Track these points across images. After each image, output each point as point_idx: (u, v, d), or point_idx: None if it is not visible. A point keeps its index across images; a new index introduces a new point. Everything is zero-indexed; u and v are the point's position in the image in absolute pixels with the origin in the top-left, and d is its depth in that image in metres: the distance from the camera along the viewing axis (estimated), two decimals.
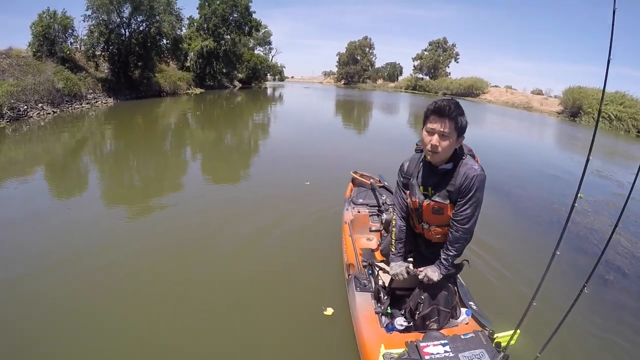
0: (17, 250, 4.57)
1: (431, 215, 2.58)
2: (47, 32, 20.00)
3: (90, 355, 3.01)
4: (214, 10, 38.54)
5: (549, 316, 2.63)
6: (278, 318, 3.54)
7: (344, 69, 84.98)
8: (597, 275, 4.80)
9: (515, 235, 6.14)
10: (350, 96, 45.18)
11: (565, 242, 5.00)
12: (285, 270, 4.41)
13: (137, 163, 10.19)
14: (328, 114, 26.19)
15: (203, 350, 3.10)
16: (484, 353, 2.18)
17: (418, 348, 2.23)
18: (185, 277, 4.13)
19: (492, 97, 51.14)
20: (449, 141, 2.32)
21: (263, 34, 60.00)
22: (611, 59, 1.86)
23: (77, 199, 6.71)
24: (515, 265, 4.87)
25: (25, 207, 6.02)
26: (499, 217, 6.78)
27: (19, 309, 3.49)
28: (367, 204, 4.85)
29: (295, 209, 6.20)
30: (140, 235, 5.24)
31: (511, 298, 4.08)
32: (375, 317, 2.83)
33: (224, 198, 6.93)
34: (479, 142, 15.11)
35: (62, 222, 5.57)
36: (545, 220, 6.77)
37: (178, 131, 16.12)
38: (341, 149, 12.67)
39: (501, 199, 7.71)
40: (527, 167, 11.87)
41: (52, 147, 11.66)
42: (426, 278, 2.58)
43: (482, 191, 2.41)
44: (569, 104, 33.28)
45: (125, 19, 25.52)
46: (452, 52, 71.56)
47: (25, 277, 3.99)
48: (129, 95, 25.08)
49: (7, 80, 16.24)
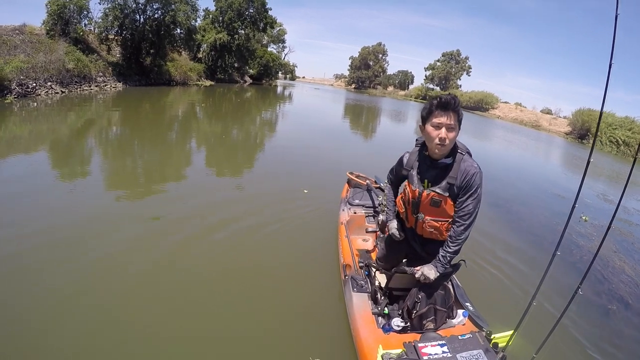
0: (9, 228, 4.45)
1: (428, 207, 2.59)
2: (62, 11, 20.05)
3: (87, 344, 2.94)
4: (230, 4, 38.62)
5: (544, 317, 2.66)
6: (274, 319, 3.47)
7: (356, 73, 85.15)
8: (593, 277, 4.95)
9: (514, 245, 6.06)
10: (359, 101, 44.91)
11: (564, 261, 4.96)
12: (281, 271, 4.31)
13: (140, 149, 10.05)
14: (336, 116, 26.03)
15: (203, 349, 3.03)
16: (481, 354, 2.20)
17: (416, 348, 2.25)
18: (177, 279, 3.94)
19: (502, 113, 50.76)
20: (454, 133, 2.42)
21: (277, 32, 60.09)
22: (613, 63, 1.92)
23: (77, 181, 6.58)
24: (511, 269, 4.93)
25: (24, 184, 5.93)
26: (499, 227, 6.74)
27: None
28: (363, 204, 4.83)
29: (292, 208, 6.08)
30: (135, 224, 5.06)
31: (507, 299, 4.10)
32: (372, 317, 2.83)
33: (223, 194, 6.75)
34: (487, 157, 15.07)
35: (60, 203, 5.46)
36: (546, 236, 6.65)
37: (184, 121, 16.02)
38: (345, 151, 12.53)
39: (504, 215, 7.61)
40: (533, 185, 11.64)
41: (58, 126, 11.57)
42: (423, 277, 2.60)
43: (481, 187, 2.49)
44: (578, 126, 32.96)
45: (141, 5, 25.66)
46: (464, 64, 71.36)
47: (16, 255, 3.91)
48: (138, 82, 25.11)
49: (18, 56, 16.22)
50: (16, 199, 5.31)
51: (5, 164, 7.08)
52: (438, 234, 2.66)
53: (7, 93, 14.53)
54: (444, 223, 2.60)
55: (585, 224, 7.54)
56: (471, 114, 47.35)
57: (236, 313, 3.50)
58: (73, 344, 2.91)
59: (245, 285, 3.93)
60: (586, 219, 7.78)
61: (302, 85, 69.72)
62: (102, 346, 2.93)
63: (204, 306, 3.55)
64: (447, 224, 2.60)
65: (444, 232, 2.63)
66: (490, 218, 6.98)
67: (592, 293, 4.57)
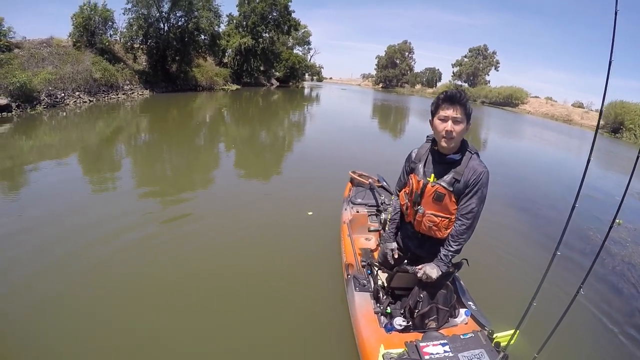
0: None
1: (431, 201, 2.59)
2: (87, 23, 20.50)
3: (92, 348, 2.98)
4: (253, 9, 38.86)
5: (547, 316, 2.47)
6: (277, 318, 3.49)
7: (383, 73, 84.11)
8: (595, 277, 4.82)
9: (518, 244, 5.81)
10: (387, 100, 43.57)
11: (568, 261, 4.85)
12: (284, 270, 4.31)
13: (164, 155, 9.94)
14: (363, 117, 25.14)
15: (201, 349, 3.04)
16: (483, 353, 2.20)
17: (418, 348, 2.26)
18: (181, 272, 4.05)
19: (532, 108, 48.67)
20: (462, 126, 2.42)
21: (302, 34, 60.01)
22: (612, 60, 1.94)
23: (104, 186, 6.78)
24: (514, 268, 4.93)
25: (54, 189, 6.24)
26: (505, 225, 6.46)
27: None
28: (365, 203, 4.84)
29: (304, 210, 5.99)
30: (147, 225, 5.11)
31: (509, 298, 4.08)
32: (374, 317, 2.84)
33: (234, 193, 6.74)
34: (514, 155, 14.49)
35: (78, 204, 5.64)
36: (579, 247, 5.85)
37: (210, 126, 15.85)
38: (372, 154, 11.74)
39: (517, 214, 7.27)
40: (561, 185, 10.55)
41: (87, 134, 11.70)
42: (425, 276, 2.58)
43: (487, 187, 2.50)
44: (611, 119, 31.36)
45: (164, 13, 25.97)
46: (492, 59, 69.07)
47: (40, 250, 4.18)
48: (165, 88, 25.39)
49: (46, 68, 16.58)
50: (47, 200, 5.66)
51: (38, 170, 7.35)
52: (436, 230, 2.63)
53: (36, 104, 14.81)
54: (443, 220, 2.59)
55: (618, 228, 6.67)
56: (500, 110, 46.28)
57: (239, 311, 3.53)
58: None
59: (248, 284, 3.94)
60: (620, 222, 6.71)
61: (330, 86, 69.56)
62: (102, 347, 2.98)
63: (207, 303, 3.60)
64: (447, 221, 2.59)
65: (442, 229, 2.61)
66: (501, 215, 6.77)
67: (594, 293, 4.48)
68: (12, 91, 13.85)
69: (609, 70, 1.97)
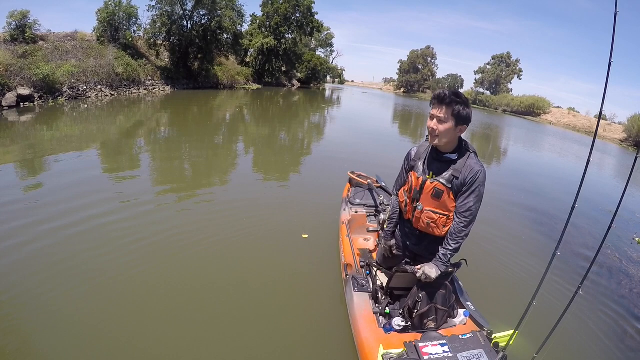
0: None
1: (429, 198, 2.62)
2: (111, 19, 20.72)
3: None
4: (277, 9, 38.96)
5: (545, 317, 2.53)
6: (276, 319, 3.46)
7: (405, 77, 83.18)
8: (594, 278, 4.87)
9: (518, 244, 5.79)
10: (408, 106, 42.21)
11: (566, 263, 4.98)
12: (282, 271, 4.26)
13: (181, 153, 9.67)
14: (383, 122, 24.33)
15: (201, 349, 3.00)
16: (482, 353, 2.21)
17: (417, 348, 2.27)
18: (177, 274, 3.96)
19: (554, 119, 47.31)
20: (446, 125, 2.46)
21: (325, 36, 60.00)
22: (612, 61, 1.96)
23: (120, 180, 6.73)
24: (513, 268, 4.91)
25: (72, 179, 6.26)
26: (505, 226, 6.50)
27: None
28: (364, 204, 4.85)
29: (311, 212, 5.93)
30: (149, 227, 4.95)
31: (508, 299, 4.11)
32: (373, 317, 2.85)
33: (241, 195, 6.56)
34: (534, 167, 14.05)
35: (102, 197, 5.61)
36: (579, 248, 5.80)
37: (229, 124, 15.63)
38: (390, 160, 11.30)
39: (529, 216, 7.19)
40: (583, 200, 9.96)
41: (107, 127, 11.69)
42: (424, 275, 2.59)
43: (484, 186, 2.53)
44: (634, 132, 30.28)
45: (187, 11, 26.15)
46: (515, 67, 67.47)
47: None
48: (186, 85, 25.54)
49: (70, 61, 16.78)
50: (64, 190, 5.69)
51: (58, 161, 7.37)
52: (434, 227, 2.65)
53: (58, 95, 14.99)
54: (441, 217, 2.62)
55: (637, 247, 6.28)
56: (522, 119, 45.19)
57: (239, 311, 3.50)
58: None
59: (247, 285, 3.91)
60: (639, 241, 6.38)
61: (351, 89, 69.18)
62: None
63: (206, 303, 3.58)
64: (445, 218, 2.61)
65: (440, 226, 2.64)
66: (501, 215, 6.88)
67: (594, 293, 4.51)
68: (35, 82, 14.02)
69: (609, 70, 1.97)
